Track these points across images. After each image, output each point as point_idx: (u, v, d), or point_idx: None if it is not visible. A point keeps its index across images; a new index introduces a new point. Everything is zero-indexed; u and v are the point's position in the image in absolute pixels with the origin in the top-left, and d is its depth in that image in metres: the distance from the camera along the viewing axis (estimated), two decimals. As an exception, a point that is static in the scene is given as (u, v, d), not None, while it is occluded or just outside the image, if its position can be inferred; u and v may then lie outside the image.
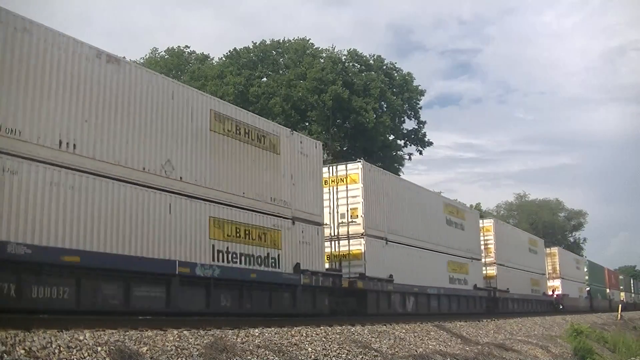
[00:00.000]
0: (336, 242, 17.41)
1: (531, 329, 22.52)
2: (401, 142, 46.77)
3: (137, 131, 10.87)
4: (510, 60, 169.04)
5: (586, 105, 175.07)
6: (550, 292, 38.34)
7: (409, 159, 47.77)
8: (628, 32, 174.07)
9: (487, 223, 29.53)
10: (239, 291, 12.49)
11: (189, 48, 48.74)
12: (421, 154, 47.22)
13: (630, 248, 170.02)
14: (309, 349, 10.07)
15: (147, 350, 7.53)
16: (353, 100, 39.78)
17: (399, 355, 11.79)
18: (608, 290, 54.75)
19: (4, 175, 8.52)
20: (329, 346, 10.59)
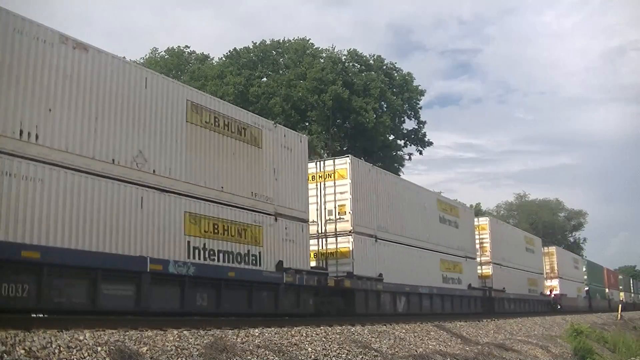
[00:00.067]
0: (323, 239, 16.88)
1: (531, 329, 22.35)
2: (401, 142, 46.74)
3: (107, 121, 10.35)
4: (510, 60, 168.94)
5: (586, 105, 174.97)
6: (548, 292, 37.88)
7: (409, 159, 47.84)
8: (628, 32, 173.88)
9: (483, 221, 29.06)
10: (216, 290, 11.95)
11: (189, 48, 48.70)
12: (421, 154, 47.26)
13: (630, 248, 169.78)
14: (309, 349, 10.06)
15: (147, 350, 7.56)
16: (353, 100, 39.65)
17: (399, 355, 11.71)
18: (607, 290, 54.30)
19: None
20: (329, 346, 10.55)
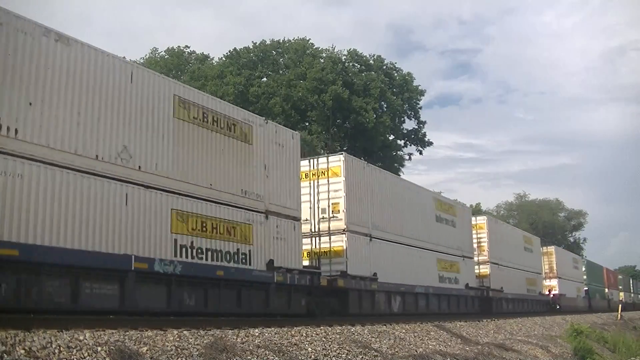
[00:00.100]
0: (317, 238, 16.60)
1: (531, 329, 22.23)
2: (401, 142, 46.83)
3: (90, 116, 10.08)
4: (510, 60, 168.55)
5: (586, 105, 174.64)
6: (546, 292, 37.59)
7: (409, 159, 48.01)
8: (628, 32, 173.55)
9: (480, 220, 28.74)
10: (204, 289, 11.68)
11: (189, 48, 48.70)
12: (421, 154, 47.47)
13: (630, 248, 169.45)
14: (309, 349, 10.01)
15: (147, 350, 7.53)
16: (353, 100, 39.59)
17: (399, 355, 11.64)
18: (607, 290, 54.01)
19: None
20: (329, 346, 10.50)
